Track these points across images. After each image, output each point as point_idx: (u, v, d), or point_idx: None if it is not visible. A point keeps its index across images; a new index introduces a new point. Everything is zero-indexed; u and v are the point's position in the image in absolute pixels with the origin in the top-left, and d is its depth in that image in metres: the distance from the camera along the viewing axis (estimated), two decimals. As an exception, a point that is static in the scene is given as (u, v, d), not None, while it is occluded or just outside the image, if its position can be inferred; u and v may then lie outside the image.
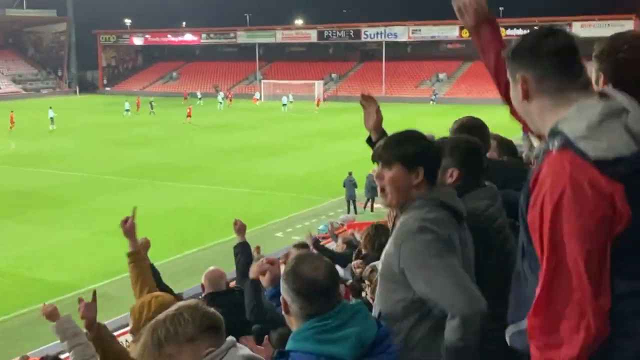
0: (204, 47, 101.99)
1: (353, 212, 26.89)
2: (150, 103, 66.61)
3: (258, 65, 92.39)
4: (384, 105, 4.27)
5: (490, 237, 3.61)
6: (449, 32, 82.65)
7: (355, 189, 27.26)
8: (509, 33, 62.03)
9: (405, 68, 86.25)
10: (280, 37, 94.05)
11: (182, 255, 21.98)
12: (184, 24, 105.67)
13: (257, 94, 79.59)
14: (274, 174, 34.88)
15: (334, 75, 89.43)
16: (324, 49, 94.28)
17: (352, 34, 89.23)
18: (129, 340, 7.25)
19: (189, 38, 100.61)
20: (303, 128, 53.40)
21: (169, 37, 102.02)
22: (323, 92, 79.87)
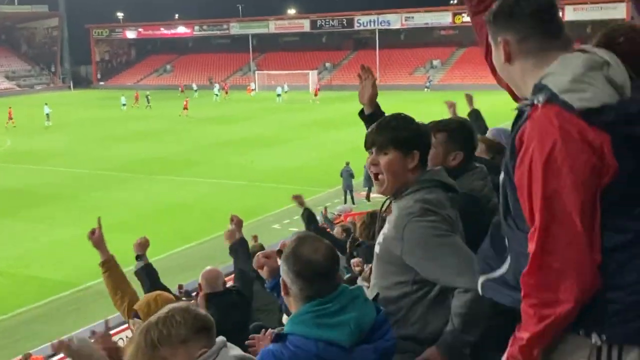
0: (197, 39, 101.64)
1: (350, 202, 26.91)
2: (147, 97, 66.48)
3: (252, 56, 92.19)
4: (379, 94, 4.25)
5: (486, 217, 3.65)
6: (442, 18, 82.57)
7: (353, 179, 27.24)
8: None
9: (399, 55, 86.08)
10: (273, 27, 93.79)
11: (179, 250, 22.01)
12: (177, 16, 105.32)
13: (252, 85, 79.50)
14: (271, 166, 34.88)
15: (328, 65, 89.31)
16: (317, 39, 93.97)
17: (345, 23, 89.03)
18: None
19: (182, 30, 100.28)
20: (299, 118, 53.36)
21: (162, 30, 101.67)
22: (318, 81, 79.77)
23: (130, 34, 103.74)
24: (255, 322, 5.95)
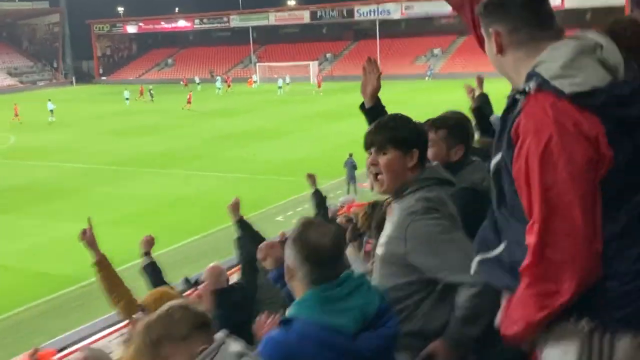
0: (198, 32, 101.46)
1: (353, 193, 26.95)
2: (150, 91, 66.61)
3: (252, 49, 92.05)
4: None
5: (487, 210, 3.75)
6: (442, 7, 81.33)
7: (356, 171, 27.28)
8: None
9: (400, 45, 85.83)
10: (274, 19, 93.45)
11: (184, 243, 22.11)
12: (177, 10, 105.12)
13: (254, 77, 79.44)
14: (273, 158, 34.85)
15: (329, 55, 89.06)
16: (318, 30, 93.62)
17: (345, 13, 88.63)
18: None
19: (182, 24, 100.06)
20: (301, 110, 53.20)
21: (162, 24, 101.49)
22: (318, 72, 79.60)
23: (131, 29, 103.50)
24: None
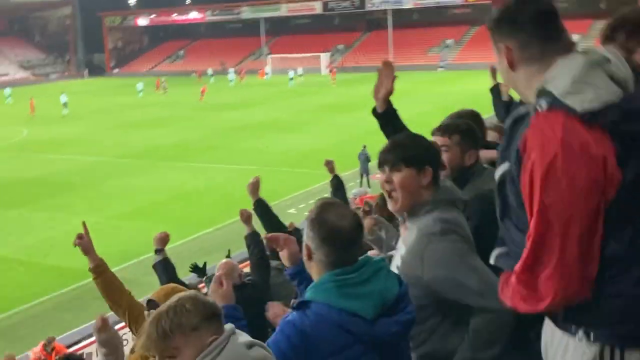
0: (209, 24, 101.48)
1: (366, 185, 26.87)
2: (163, 83, 66.89)
3: (264, 40, 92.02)
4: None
5: None
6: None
7: (369, 163, 27.17)
8: None
9: (412, 35, 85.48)
10: (285, 10, 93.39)
11: (197, 235, 22.10)
12: (188, 2, 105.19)
13: (266, 68, 79.45)
14: (287, 150, 34.91)
15: (341, 47, 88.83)
16: (329, 20, 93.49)
17: (356, 4, 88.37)
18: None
19: (194, 16, 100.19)
20: (314, 101, 53.26)
21: (174, 16, 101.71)
22: (330, 63, 79.47)
23: (143, 21, 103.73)
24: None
